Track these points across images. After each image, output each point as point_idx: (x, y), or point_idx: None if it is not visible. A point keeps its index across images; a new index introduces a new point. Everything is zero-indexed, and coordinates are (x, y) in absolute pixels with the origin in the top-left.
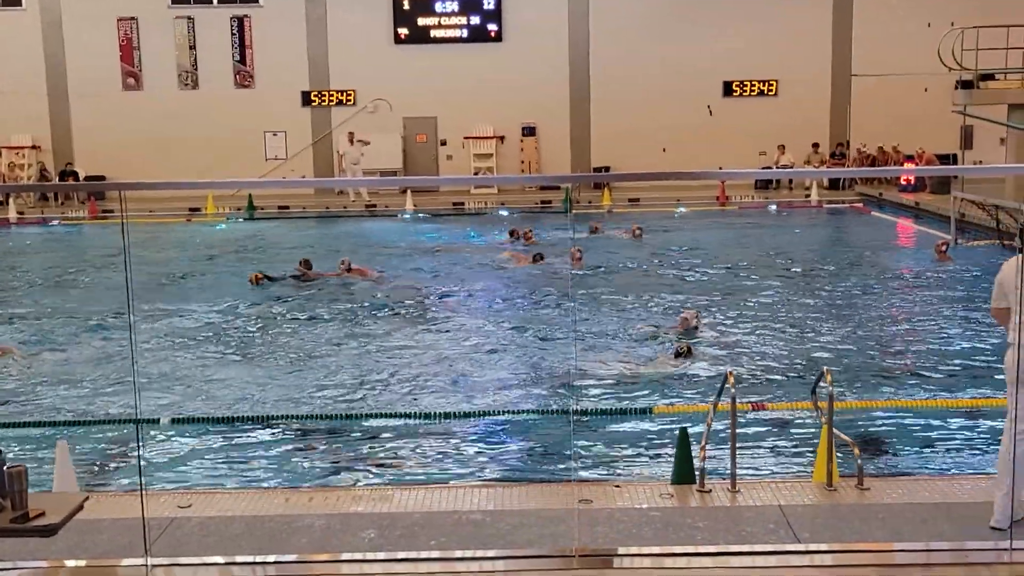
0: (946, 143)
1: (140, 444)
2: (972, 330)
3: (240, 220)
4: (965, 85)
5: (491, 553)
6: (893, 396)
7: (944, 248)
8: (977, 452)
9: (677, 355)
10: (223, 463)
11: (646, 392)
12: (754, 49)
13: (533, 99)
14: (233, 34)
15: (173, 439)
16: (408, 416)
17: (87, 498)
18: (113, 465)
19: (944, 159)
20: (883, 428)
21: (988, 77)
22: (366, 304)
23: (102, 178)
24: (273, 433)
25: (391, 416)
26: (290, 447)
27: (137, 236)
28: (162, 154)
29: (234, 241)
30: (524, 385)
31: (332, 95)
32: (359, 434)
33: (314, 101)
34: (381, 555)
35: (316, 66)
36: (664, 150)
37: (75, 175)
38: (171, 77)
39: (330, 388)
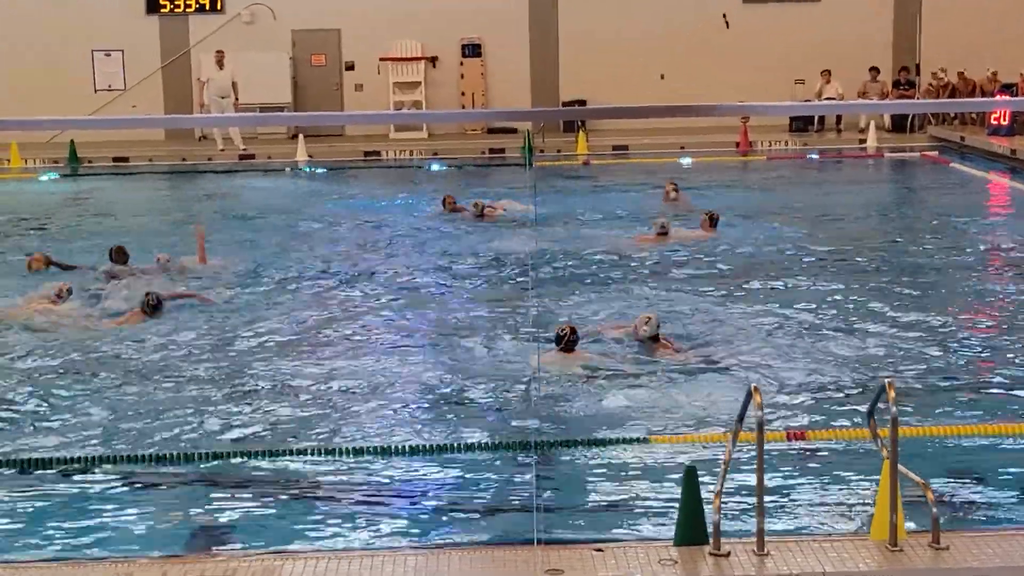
0: None
1: None
2: None
3: (58, 176)
4: None
5: None
6: (981, 419)
7: None
8: None
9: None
10: (34, 524)
11: (639, 412)
12: None
13: (478, 5)
14: None
15: None
16: (303, 454)
17: None
18: None
19: None
20: (968, 464)
21: None
22: (233, 299)
23: None
24: (105, 480)
25: (278, 455)
26: (132, 500)
27: None
28: None
29: (50, 206)
30: (471, 409)
31: None
32: (233, 481)
33: (164, 6)
34: None
35: None
36: (662, 78)
37: None
38: None
39: (189, 415)
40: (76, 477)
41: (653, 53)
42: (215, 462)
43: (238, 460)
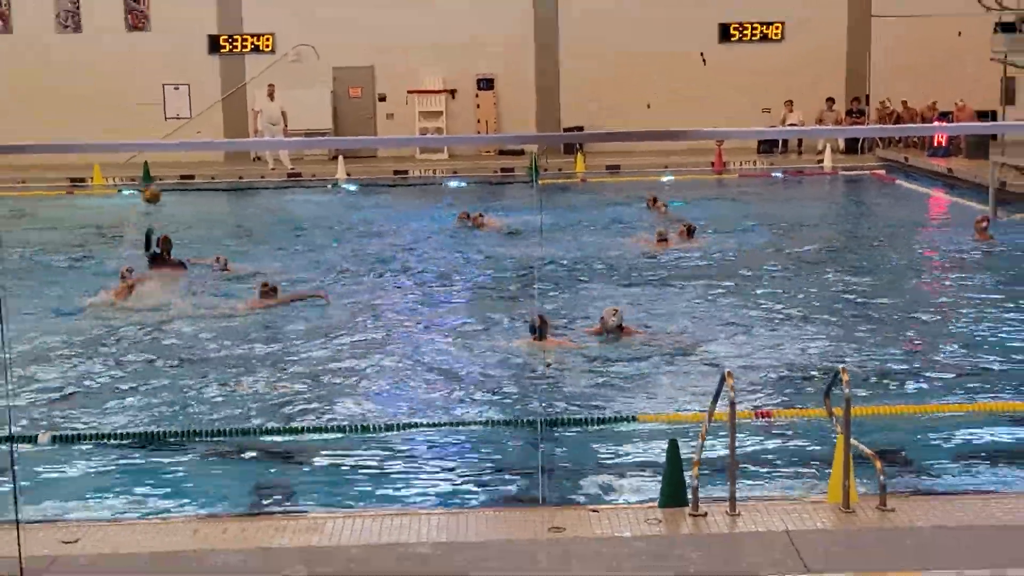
0: (984, 98)
1: (14, 466)
2: (1019, 322)
3: (134, 192)
4: (1006, 28)
5: None
6: (922, 400)
7: (985, 225)
8: (1020, 466)
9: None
10: (117, 488)
11: (627, 394)
12: None
13: (491, 45)
14: None
15: (54, 460)
16: (342, 430)
17: None
18: None
19: (982, 116)
20: (910, 438)
21: None
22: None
23: None
24: (178, 452)
25: (321, 430)
26: (199, 468)
27: (5, 213)
28: (36, 112)
29: (127, 217)
30: (481, 390)
31: (246, 40)
32: (283, 451)
33: (224, 48)
34: None
35: (226, 5)
36: (649, 107)
37: None
38: (47, 17)
39: (246, 397)
40: (151, 449)
41: (641, 86)
42: (269, 437)
43: (288, 435)
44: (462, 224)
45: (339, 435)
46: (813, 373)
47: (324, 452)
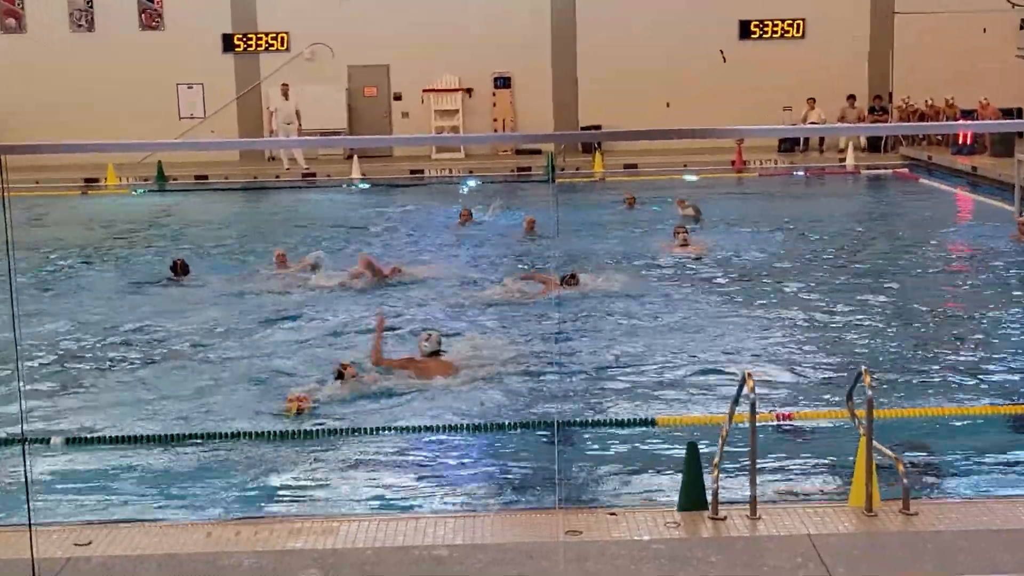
0: (1009, 95)
1: (27, 469)
2: None
3: (147, 192)
4: None
5: None
6: (944, 403)
7: None
8: None
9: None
10: (130, 491)
11: (646, 397)
12: None
13: (508, 43)
14: None
15: (68, 463)
16: (357, 431)
17: None
18: None
19: (1007, 114)
20: (933, 441)
21: None
22: (299, 299)
23: None
24: (191, 455)
25: (336, 432)
26: (213, 471)
27: (20, 213)
28: (50, 112)
29: (140, 218)
30: (498, 392)
31: (260, 39)
32: (297, 454)
33: (238, 46)
34: None
35: (240, 3)
36: (668, 105)
37: None
38: (60, 17)
39: (260, 399)
40: (163, 451)
41: (660, 84)
42: (285, 440)
43: (303, 438)
44: (463, 222)
45: (355, 438)
46: (835, 374)
47: (339, 455)
